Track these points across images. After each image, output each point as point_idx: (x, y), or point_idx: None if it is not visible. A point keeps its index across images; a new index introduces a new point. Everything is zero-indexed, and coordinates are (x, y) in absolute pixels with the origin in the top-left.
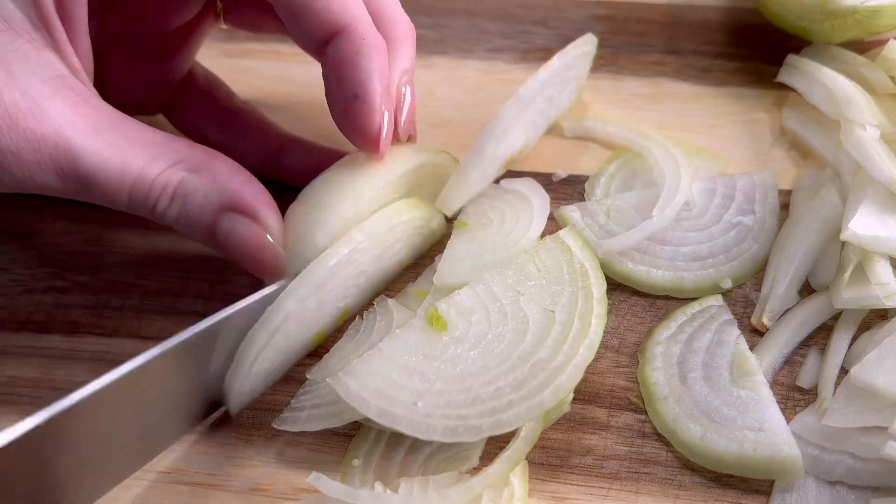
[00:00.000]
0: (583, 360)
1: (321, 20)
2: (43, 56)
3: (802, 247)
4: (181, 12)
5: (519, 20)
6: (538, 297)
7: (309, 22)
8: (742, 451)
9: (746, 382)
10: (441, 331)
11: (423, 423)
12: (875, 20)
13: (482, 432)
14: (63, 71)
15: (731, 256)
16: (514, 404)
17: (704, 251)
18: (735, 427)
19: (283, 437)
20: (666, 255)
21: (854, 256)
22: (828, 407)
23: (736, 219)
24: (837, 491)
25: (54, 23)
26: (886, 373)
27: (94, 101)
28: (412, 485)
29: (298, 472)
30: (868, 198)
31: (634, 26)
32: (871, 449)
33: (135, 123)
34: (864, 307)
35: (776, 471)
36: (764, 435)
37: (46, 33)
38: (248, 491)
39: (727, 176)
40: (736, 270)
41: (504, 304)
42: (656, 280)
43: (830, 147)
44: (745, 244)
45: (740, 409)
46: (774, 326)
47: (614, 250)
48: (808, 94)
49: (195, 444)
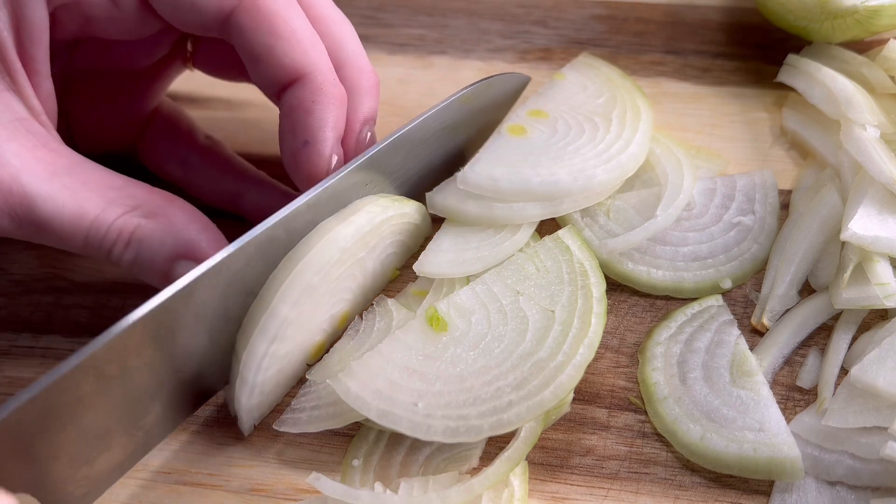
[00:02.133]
0: (582, 359)
1: (281, 66)
2: (2, 99)
3: (802, 246)
4: (150, 52)
5: (519, 20)
6: (538, 297)
7: (269, 67)
8: (742, 452)
9: (746, 383)
10: (441, 331)
11: (423, 424)
12: (875, 20)
13: (483, 432)
14: (23, 114)
15: (731, 256)
16: (514, 404)
17: (704, 251)
18: (735, 427)
19: (283, 438)
20: (666, 255)
21: (854, 256)
22: (828, 407)
23: (736, 219)
24: (837, 491)
25: (14, 65)
26: (886, 373)
27: (53, 145)
28: (412, 485)
29: (298, 472)
30: (868, 198)
31: (634, 26)
32: (871, 449)
33: (93, 167)
34: (864, 307)
35: (776, 471)
36: (764, 435)
37: (7, 76)
38: (248, 491)
39: (727, 176)
40: (736, 270)
41: (504, 304)
42: (656, 280)
43: (830, 147)
44: (746, 244)
45: (740, 410)
46: (774, 326)
47: (618, 250)
48: (808, 93)
49: (195, 443)
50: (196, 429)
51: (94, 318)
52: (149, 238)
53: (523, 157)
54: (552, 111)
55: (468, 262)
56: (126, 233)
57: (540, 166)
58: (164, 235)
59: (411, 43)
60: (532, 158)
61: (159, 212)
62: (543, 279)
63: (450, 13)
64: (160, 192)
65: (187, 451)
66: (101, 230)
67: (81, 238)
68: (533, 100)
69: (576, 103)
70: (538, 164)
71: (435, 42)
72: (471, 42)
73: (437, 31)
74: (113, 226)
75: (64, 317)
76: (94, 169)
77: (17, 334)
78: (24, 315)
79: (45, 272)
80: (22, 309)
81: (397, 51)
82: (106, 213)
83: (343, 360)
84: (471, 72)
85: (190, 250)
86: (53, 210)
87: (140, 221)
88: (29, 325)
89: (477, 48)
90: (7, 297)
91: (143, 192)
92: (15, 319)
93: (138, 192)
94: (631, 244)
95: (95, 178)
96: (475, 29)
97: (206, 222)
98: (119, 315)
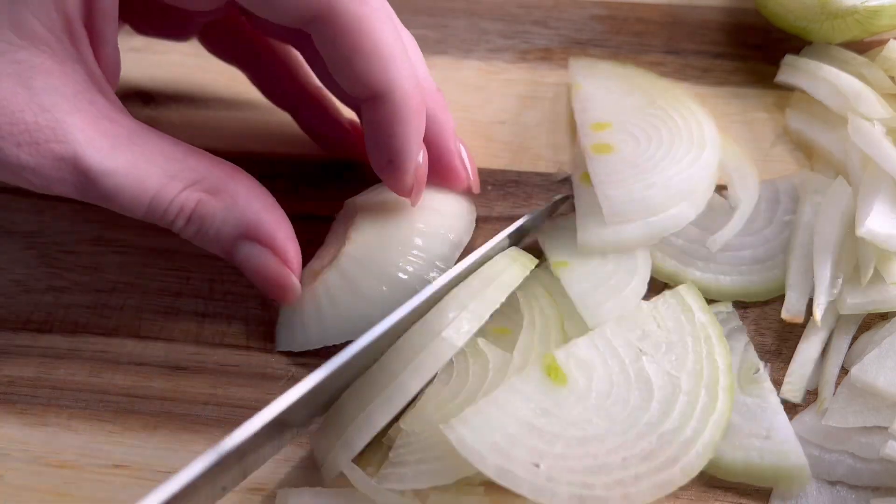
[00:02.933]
0: (711, 438)
1: (361, 83)
2: (64, 70)
3: (832, 237)
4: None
5: (519, 20)
6: (661, 360)
7: (346, 80)
8: (748, 459)
9: (754, 390)
10: (560, 384)
11: (546, 488)
12: (875, 20)
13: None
14: (85, 85)
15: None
16: (642, 478)
17: (763, 254)
18: (742, 435)
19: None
20: (728, 261)
21: (872, 256)
22: (828, 407)
23: (787, 217)
24: (837, 491)
25: (78, 35)
26: (886, 373)
27: (115, 115)
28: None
29: (299, 472)
30: (882, 194)
31: (634, 26)
32: (872, 449)
33: (154, 137)
34: (872, 311)
35: (783, 478)
36: (770, 443)
37: (70, 45)
38: (248, 491)
39: (766, 181)
40: None
41: (626, 363)
42: (725, 286)
43: (838, 143)
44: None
45: (747, 417)
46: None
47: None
48: (813, 90)
49: (193, 443)
50: (196, 428)
51: (94, 318)
52: (211, 216)
53: (633, 174)
54: (608, 119)
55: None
56: (188, 209)
57: (652, 178)
58: (227, 214)
59: None
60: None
61: (222, 187)
62: (665, 339)
63: (450, 13)
64: (223, 164)
65: (186, 450)
66: (163, 204)
67: (143, 210)
68: (582, 116)
69: (618, 107)
70: (648, 177)
71: (435, 42)
72: (471, 42)
73: (437, 31)
74: (174, 202)
75: (64, 316)
76: (156, 139)
77: (16, 333)
78: (23, 314)
79: (45, 272)
80: (21, 308)
81: None
82: (167, 189)
83: (442, 408)
84: (471, 72)
85: (252, 232)
86: (115, 185)
87: (202, 197)
88: (29, 324)
89: (477, 48)
90: (7, 296)
91: (206, 165)
92: (14, 319)
93: (201, 165)
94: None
95: (157, 150)
96: (475, 29)
97: (267, 200)
98: (119, 314)
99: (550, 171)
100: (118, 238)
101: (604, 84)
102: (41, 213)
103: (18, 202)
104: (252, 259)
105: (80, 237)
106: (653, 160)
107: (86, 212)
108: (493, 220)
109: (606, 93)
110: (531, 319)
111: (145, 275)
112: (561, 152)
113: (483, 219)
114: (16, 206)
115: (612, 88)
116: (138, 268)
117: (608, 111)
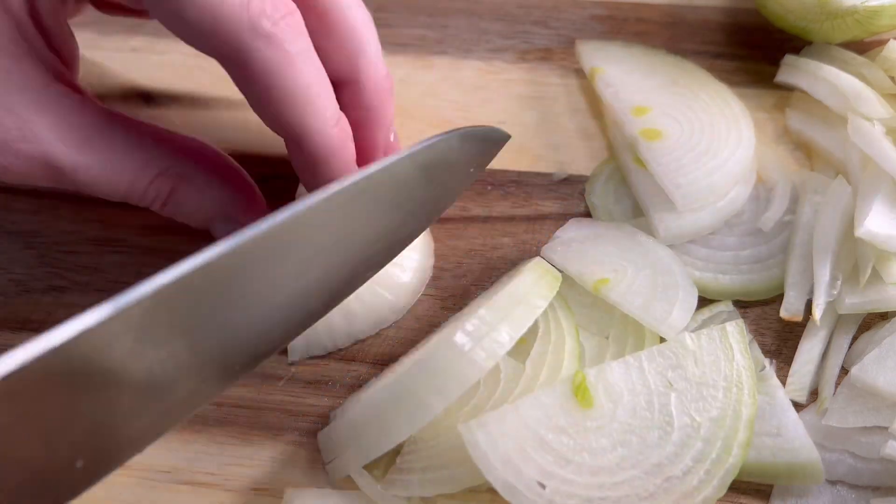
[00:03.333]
0: (714, 493)
1: (276, 126)
2: (23, 68)
3: (832, 235)
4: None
5: (519, 20)
6: (688, 400)
7: (265, 121)
8: (761, 458)
9: (761, 388)
10: (585, 406)
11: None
12: (875, 20)
13: None
14: (46, 79)
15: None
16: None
17: (764, 252)
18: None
19: (284, 437)
20: (728, 260)
21: (870, 256)
22: (828, 407)
23: (786, 217)
24: (838, 490)
25: (29, 32)
26: (886, 373)
27: (80, 106)
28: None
29: (299, 472)
30: (881, 194)
31: (634, 26)
32: (872, 449)
33: (122, 124)
34: (870, 311)
35: (797, 475)
36: (782, 440)
37: (24, 42)
38: (248, 491)
39: (764, 182)
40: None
41: (653, 397)
42: (725, 285)
43: (838, 143)
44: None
45: (756, 416)
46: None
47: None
48: (812, 90)
49: (194, 443)
50: (197, 427)
51: None
52: (185, 201)
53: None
54: (645, 102)
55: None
56: (163, 195)
57: (710, 162)
58: (202, 198)
59: (411, 43)
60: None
61: (192, 172)
62: (698, 378)
63: (450, 13)
64: (194, 143)
65: (187, 449)
66: (138, 192)
67: (119, 197)
68: (617, 100)
69: (648, 89)
70: (707, 161)
71: (435, 42)
72: (471, 42)
73: (437, 32)
74: (149, 189)
75: (64, 316)
76: (125, 128)
77: (15, 333)
78: (23, 315)
79: (45, 272)
80: (21, 308)
81: (398, 51)
82: (140, 178)
83: (451, 415)
84: (471, 72)
85: (226, 214)
86: (89, 178)
87: (174, 184)
88: (28, 324)
89: (477, 48)
90: (6, 296)
91: (176, 149)
92: (15, 319)
93: (171, 150)
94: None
95: (127, 139)
96: (475, 29)
97: (242, 181)
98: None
99: (550, 171)
100: (118, 238)
101: (624, 66)
102: (41, 213)
103: (18, 202)
104: (229, 233)
105: (80, 237)
106: (702, 144)
107: (86, 212)
108: (494, 219)
109: (629, 75)
110: (546, 329)
111: (145, 275)
112: (561, 152)
113: (483, 219)
114: (16, 206)
115: (633, 69)
116: (138, 268)
117: (642, 94)
